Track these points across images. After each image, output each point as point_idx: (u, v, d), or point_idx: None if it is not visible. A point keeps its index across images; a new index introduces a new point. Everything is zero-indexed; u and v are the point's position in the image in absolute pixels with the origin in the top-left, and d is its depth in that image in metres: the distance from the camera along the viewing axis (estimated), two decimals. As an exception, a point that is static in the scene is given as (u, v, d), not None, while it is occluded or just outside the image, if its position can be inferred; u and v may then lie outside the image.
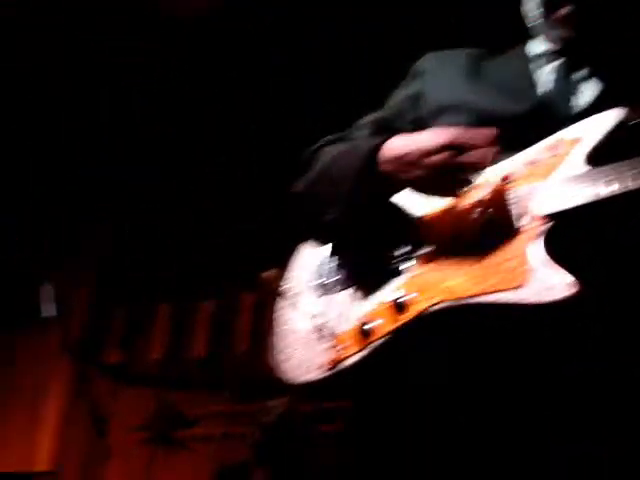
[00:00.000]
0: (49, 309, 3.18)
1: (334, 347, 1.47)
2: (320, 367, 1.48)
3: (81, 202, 5.12)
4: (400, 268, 1.49)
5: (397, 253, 1.51)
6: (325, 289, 1.58)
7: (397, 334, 1.41)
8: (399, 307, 1.42)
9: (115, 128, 4.70)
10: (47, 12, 4.02)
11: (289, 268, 1.70)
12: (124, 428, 4.58)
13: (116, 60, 4.27)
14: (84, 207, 5.15)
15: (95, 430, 3.46)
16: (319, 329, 1.53)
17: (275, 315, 1.65)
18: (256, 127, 4.53)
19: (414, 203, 1.53)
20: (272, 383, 1.58)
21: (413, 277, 1.46)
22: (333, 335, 1.49)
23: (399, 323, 1.42)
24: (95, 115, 4.62)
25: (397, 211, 1.54)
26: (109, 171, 4.88)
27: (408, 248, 1.50)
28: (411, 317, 1.40)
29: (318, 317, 1.55)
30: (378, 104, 1.78)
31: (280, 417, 3.23)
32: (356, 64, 3.98)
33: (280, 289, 1.67)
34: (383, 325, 1.44)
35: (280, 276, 1.70)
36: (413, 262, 1.48)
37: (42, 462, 4.99)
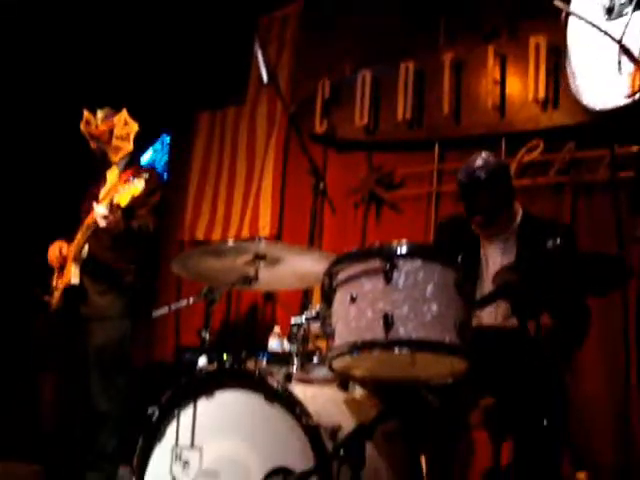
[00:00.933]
0: (263, 76, 3.25)
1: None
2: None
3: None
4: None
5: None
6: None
7: None
8: None
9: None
10: None
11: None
12: (338, 192, 4.77)
13: None
14: None
15: (314, 192, 3.60)
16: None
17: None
18: None
19: None
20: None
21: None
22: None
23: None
24: None
25: None
26: None
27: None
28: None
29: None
30: None
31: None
32: None
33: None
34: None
35: None
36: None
37: (266, 227, 5.36)
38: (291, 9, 5.68)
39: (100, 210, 3.92)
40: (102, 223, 3.94)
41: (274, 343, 4.34)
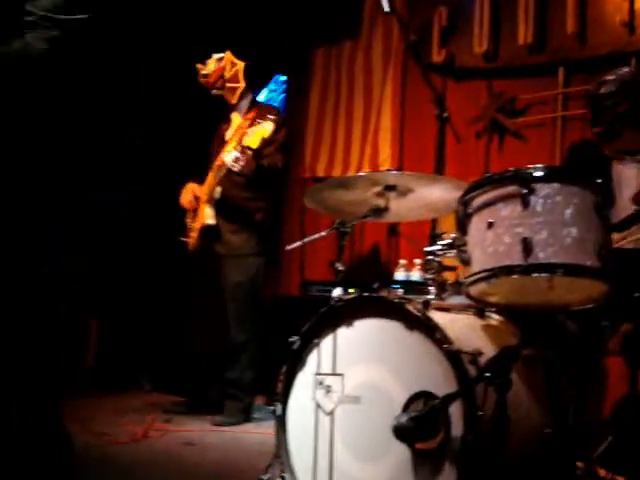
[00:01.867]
0: (384, 5, 3.23)
1: None
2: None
3: None
4: None
5: None
6: None
7: None
8: None
9: None
10: None
11: None
12: (459, 122, 4.68)
13: None
14: None
15: (438, 121, 3.56)
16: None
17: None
18: None
19: None
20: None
21: None
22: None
23: None
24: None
25: None
26: None
27: None
28: None
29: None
30: None
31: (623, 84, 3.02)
32: None
33: None
34: None
35: None
36: None
37: (386, 161, 5.35)
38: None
39: (231, 155, 4.02)
40: (235, 167, 4.04)
41: (401, 275, 4.39)
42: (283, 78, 6.58)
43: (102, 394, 4.91)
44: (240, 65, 4.42)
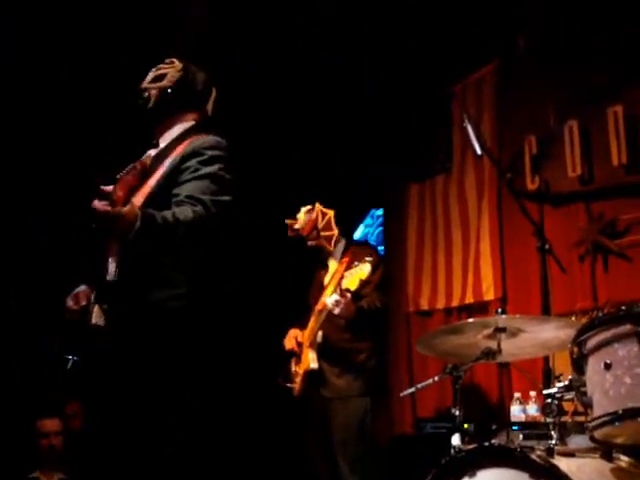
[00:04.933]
0: (476, 149, 3.35)
1: None
2: None
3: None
4: None
5: None
6: None
7: None
8: None
9: None
10: None
11: None
12: (559, 246, 4.66)
13: None
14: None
15: (540, 253, 3.57)
16: None
17: None
18: None
19: None
20: None
21: None
22: None
23: None
24: None
25: None
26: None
27: None
28: None
29: None
30: None
31: None
32: None
33: None
34: None
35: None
36: None
37: (490, 291, 5.33)
38: (484, 71, 5.72)
39: (332, 299, 4.12)
40: (335, 310, 4.13)
41: (516, 410, 4.29)
42: (379, 212, 6.75)
43: None
44: (330, 213, 4.59)
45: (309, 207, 4.64)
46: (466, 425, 3.15)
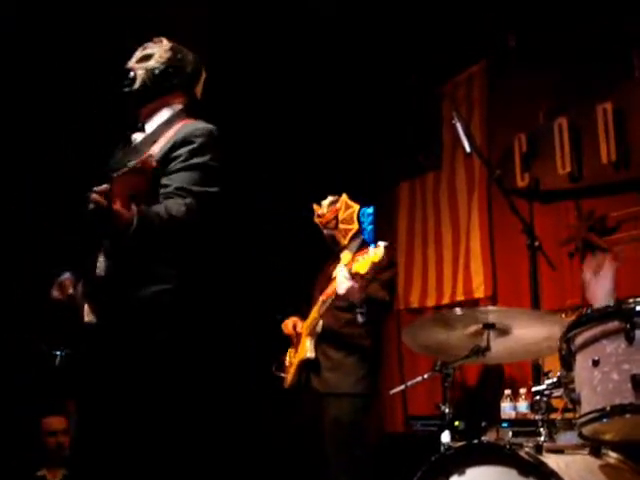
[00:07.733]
0: (466, 147, 3.36)
1: None
2: None
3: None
4: None
5: None
6: None
7: None
8: None
9: None
10: None
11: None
12: (549, 243, 4.66)
13: None
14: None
15: (529, 250, 3.57)
16: None
17: None
18: None
19: None
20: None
21: None
22: None
23: None
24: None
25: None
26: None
27: None
28: None
29: None
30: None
31: None
32: None
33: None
34: None
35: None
36: None
37: (480, 288, 5.34)
38: (474, 69, 5.74)
39: (340, 274, 3.97)
40: (340, 289, 3.98)
41: (507, 407, 4.30)
42: (369, 211, 6.72)
43: None
44: (355, 207, 4.50)
45: (337, 197, 4.57)
46: (457, 422, 3.16)
